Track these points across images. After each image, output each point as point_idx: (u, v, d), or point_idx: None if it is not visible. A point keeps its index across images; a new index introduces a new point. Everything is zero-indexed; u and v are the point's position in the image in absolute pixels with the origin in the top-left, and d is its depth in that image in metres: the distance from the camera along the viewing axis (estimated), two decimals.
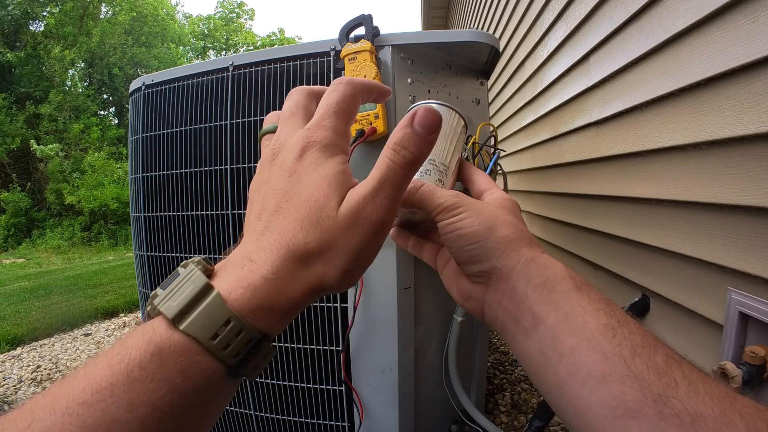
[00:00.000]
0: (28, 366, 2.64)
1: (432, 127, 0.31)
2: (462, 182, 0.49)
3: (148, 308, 0.26)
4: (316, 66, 1.05)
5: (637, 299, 1.13)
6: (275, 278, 0.27)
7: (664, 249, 0.99)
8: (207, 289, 0.26)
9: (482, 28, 3.46)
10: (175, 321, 0.25)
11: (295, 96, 0.35)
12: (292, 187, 0.30)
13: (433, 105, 0.48)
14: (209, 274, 0.28)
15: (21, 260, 8.72)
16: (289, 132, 0.32)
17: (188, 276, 0.27)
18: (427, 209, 0.40)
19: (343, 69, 0.97)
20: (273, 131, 0.34)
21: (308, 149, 0.30)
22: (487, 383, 1.78)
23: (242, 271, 0.27)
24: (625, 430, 0.26)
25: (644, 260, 1.10)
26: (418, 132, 0.30)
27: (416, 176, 0.45)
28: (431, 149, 0.32)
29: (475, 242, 0.36)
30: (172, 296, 0.25)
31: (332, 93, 0.33)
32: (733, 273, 0.78)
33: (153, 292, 0.26)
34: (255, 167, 1.10)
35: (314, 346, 1.12)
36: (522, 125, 2.26)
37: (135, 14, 14.91)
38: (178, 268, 0.27)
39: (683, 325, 0.95)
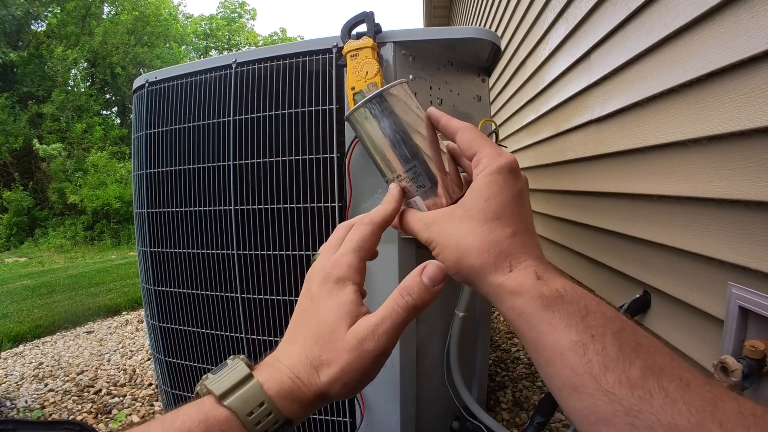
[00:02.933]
0: (31, 363, 2.65)
1: (437, 280, 0.36)
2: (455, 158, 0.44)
3: (198, 388, 0.34)
4: (318, 63, 1.05)
5: (638, 296, 1.13)
6: (296, 377, 0.34)
7: (665, 245, 0.99)
8: (248, 377, 0.33)
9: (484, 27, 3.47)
10: (221, 398, 0.32)
11: (337, 231, 0.42)
12: (312, 309, 0.37)
13: (356, 110, 0.41)
14: (250, 367, 0.35)
15: (23, 259, 8.75)
16: (321, 262, 0.39)
17: (234, 366, 0.34)
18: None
19: (345, 65, 0.98)
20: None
21: (326, 280, 0.37)
22: (488, 380, 1.79)
23: (273, 370, 0.35)
24: None
25: (645, 256, 1.10)
26: (425, 283, 0.35)
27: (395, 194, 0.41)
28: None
29: (455, 274, 0.38)
30: (220, 380, 0.33)
31: (356, 231, 0.40)
32: (734, 268, 0.79)
33: (204, 376, 0.34)
34: (257, 163, 1.10)
35: None
36: (524, 123, 2.26)
37: (137, 14, 14.93)
38: (227, 360, 0.35)
39: (684, 321, 0.95)
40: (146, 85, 1.28)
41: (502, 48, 1.25)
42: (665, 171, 0.98)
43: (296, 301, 0.41)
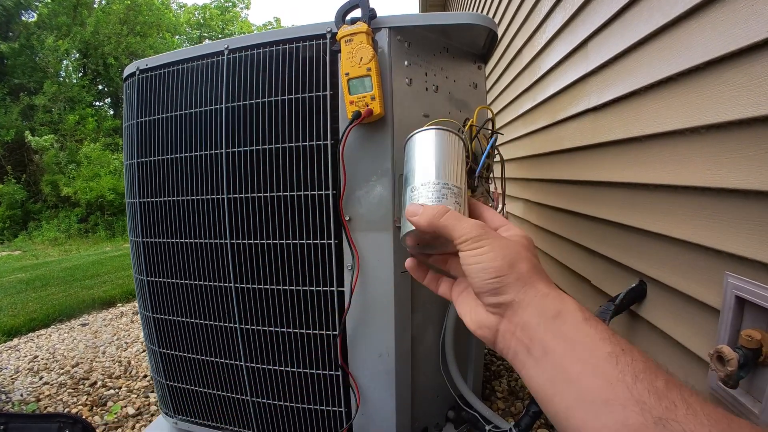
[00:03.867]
0: (26, 356, 2.64)
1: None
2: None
3: None
4: (312, 48, 1.04)
5: (634, 285, 1.12)
6: None
7: (662, 234, 0.98)
8: None
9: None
10: None
11: None
12: None
13: (433, 130, 0.50)
14: None
15: (17, 252, 8.69)
16: None
17: None
18: (450, 236, 0.43)
19: (340, 51, 0.96)
20: None
21: None
22: (484, 370, 1.79)
23: None
24: None
25: (642, 246, 1.09)
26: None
27: (433, 201, 0.46)
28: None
29: (498, 276, 0.39)
30: None
31: None
32: (731, 257, 0.78)
33: None
34: (250, 151, 1.09)
35: (311, 331, 1.11)
36: (520, 112, 2.25)
37: (129, 3, 14.72)
38: None
39: (680, 311, 0.95)
40: (137, 72, 1.26)
41: (499, 36, 1.23)
42: (662, 160, 0.97)
43: (290, 290, 0.42)
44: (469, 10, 4.15)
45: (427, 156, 0.49)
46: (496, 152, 1.05)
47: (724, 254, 0.79)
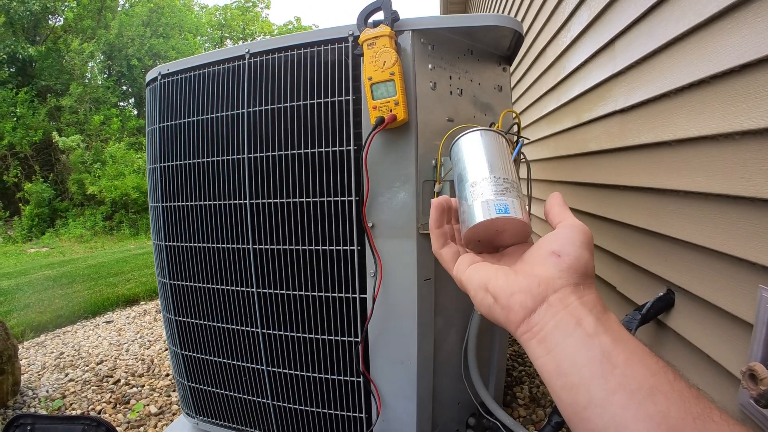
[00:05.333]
0: (52, 353, 2.70)
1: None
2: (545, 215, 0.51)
3: None
4: (334, 52, 1.03)
5: (661, 294, 1.09)
6: None
7: (692, 243, 0.95)
8: None
9: (502, 14, 3.39)
10: None
11: None
12: None
13: (478, 131, 0.52)
14: None
15: (45, 249, 8.94)
16: None
17: None
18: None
19: (362, 55, 0.95)
20: None
21: None
22: (505, 375, 1.76)
23: None
24: None
25: (670, 254, 1.06)
26: None
27: (497, 194, 0.47)
28: None
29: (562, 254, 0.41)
30: None
31: None
32: (765, 270, 0.74)
33: None
34: (272, 156, 1.09)
35: (333, 337, 1.11)
36: (544, 113, 2.21)
37: (152, 5, 15.03)
38: None
39: (710, 323, 0.91)
40: (159, 77, 1.27)
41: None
42: (694, 166, 0.94)
43: (312, 296, 0.41)
44: (490, 9, 4.10)
45: (483, 154, 0.51)
46: (522, 157, 1.03)
47: (758, 267, 0.76)
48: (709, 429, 0.27)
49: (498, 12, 3.58)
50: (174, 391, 2.06)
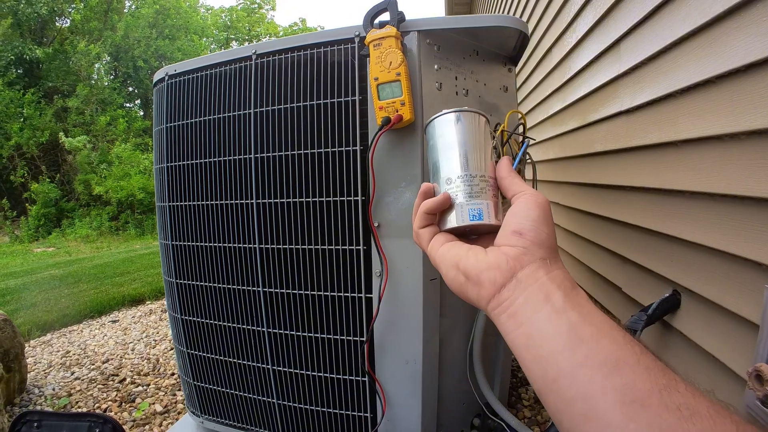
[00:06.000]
0: (58, 351, 2.72)
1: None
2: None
3: None
4: (340, 53, 1.03)
5: (667, 294, 1.09)
6: None
7: (698, 243, 0.95)
8: None
9: (508, 14, 3.39)
10: None
11: None
12: None
13: (453, 113, 0.50)
14: None
15: (51, 249, 9.00)
16: None
17: None
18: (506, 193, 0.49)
19: (368, 56, 0.95)
20: None
21: None
22: (510, 376, 1.76)
23: None
24: (631, 416, 0.29)
25: (676, 254, 1.05)
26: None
27: (468, 200, 0.47)
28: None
29: (533, 239, 0.42)
30: None
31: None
32: None
33: None
34: (279, 156, 1.09)
35: (338, 337, 1.11)
36: (549, 114, 2.20)
37: (158, 7, 15.12)
38: None
39: (716, 324, 0.91)
40: (166, 78, 1.28)
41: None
42: (700, 167, 0.93)
43: (318, 295, 0.43)
44: (495, 9, 4.10)
45: (458, 145, 0.49)
46: (527, 158, 1.03)
47: (765, 267, 0.75)
48: (674, 399, 0.28)
49: (503, 12, 3.58)
50: (179, 390, 2.07)
